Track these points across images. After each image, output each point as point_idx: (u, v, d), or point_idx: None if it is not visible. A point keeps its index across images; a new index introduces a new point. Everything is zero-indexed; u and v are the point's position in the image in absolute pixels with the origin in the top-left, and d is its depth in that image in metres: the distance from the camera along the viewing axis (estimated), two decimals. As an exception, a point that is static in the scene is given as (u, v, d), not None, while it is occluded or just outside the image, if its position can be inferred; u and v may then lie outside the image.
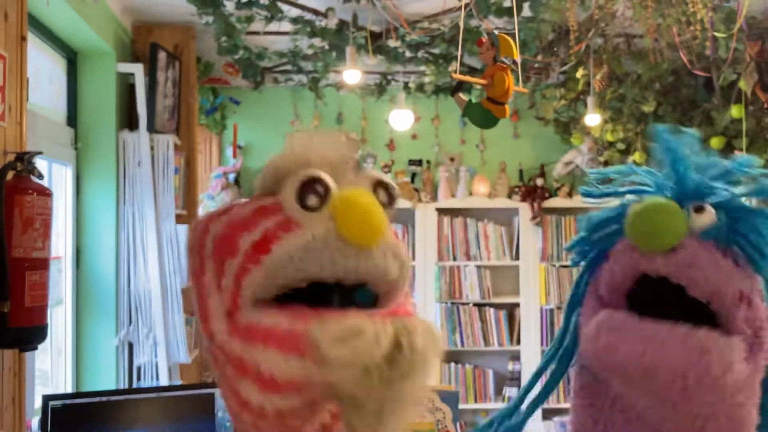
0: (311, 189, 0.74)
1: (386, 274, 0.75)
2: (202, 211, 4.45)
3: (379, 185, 0.77)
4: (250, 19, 3.40)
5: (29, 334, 1.76)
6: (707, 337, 0.84)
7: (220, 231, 0.77)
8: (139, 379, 3.26)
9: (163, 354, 3.21)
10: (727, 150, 4.03)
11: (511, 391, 4.71)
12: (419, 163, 4.93)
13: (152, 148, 3.33)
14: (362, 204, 0.73)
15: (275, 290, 0.73)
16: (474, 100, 1.73)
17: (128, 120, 3.43)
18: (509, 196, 4.81)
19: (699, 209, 0.91)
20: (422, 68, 4.17)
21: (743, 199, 0.95)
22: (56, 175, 3.08)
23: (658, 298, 0.91)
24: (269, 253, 0.72)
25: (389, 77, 4.56)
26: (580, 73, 3.98)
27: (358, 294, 0.76)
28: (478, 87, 2.22)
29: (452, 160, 4.99)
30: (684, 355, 0.83)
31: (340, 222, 0.72)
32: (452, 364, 4.74)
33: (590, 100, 3.94)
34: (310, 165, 0.77)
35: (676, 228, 0.88)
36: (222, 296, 0.75)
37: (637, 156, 4.26)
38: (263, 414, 0.71)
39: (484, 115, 1.74)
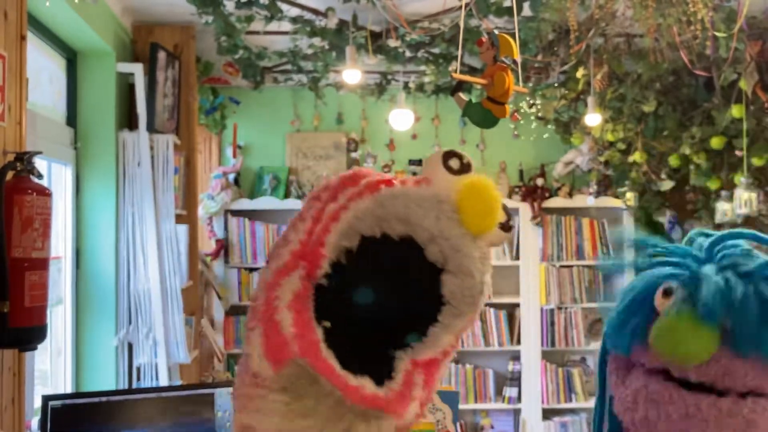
0: (456, 156, 0.80)
1: (468, 264, 0.77)
2: (201, 211, 4.45)
3: (505, 211, 0.83)
4: (249, 19, 3.40)
5: (29, 334, 1.76)
6: (753, 410, 0.81)
7: (350, 173, 0.81)
8: (138, 379, 3.26)
9: (163, 354, 3.21)
10: (728, 150, 4.03)
11: (511, 391, 4.71)
12: (419, 163, 4.92)
13: (152, 148, 3.33)
14: (491, 194, 0.78)
15: (369, 229, 0.75)
16: (474, 100, 1.72)
17: (128, 120, 3.42)
18: (509, 196, 4.81)
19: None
20: (422, 68, 4.17)
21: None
22: (56, 175, 3.08)
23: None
24: (391, 186, 0.77)
25: (389, 77, 4.56)
26: (580, 73, 3.98)
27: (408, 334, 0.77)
28: (478, 87, 2.21)
29: (452, 159, 4.99)
30: (730, 431, 0.80)
31: (464, 195, 0.76)
32: (452, 364, 4.74)
33: (590, 99, 3.94)
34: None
35: (708, 347, 0.83)
36: (313, 227, 0.77)
37: (637, 156, 4.25)
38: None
39: (484, 115, 1.74)
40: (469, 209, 0.75)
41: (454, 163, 0.78)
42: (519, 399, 4.70)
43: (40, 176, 1.82)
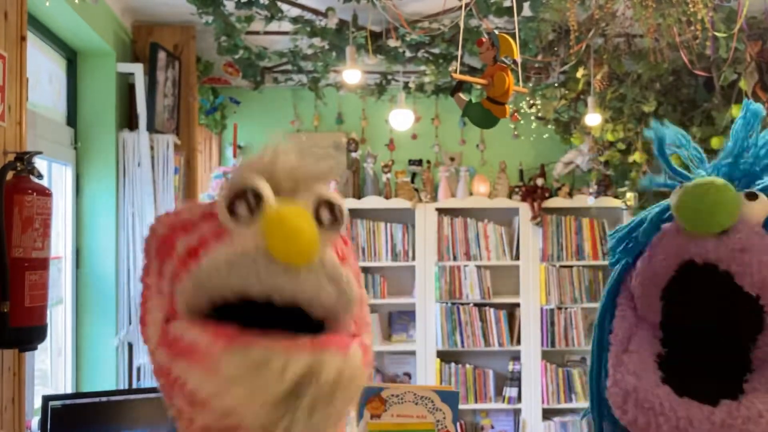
0: (243, 198, 0.70)
1: (317, 298, 0.71)
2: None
3: (323, 204, 0.74)
4: (250, 19, 3.40)
5: (29, 334, 1.76)
6: (747, 419, 0.78)
7: (163, 231, 0.75)
8: (138, 379, 3.26)
9: (163, 354, 3.21)
10: (728, 150, 4.03)
11: (511, 391, 4.71)
12: (419, 163, 4.93)
13: (152, 148, 3.33)
14: (292, 221, 0.69)
15: (206, 302, 0.71)
16: (474, 100, 1.72)
17: (128, 120, 3.42)
18: (509, 196, 4.80)
19: (751, 196, 0.85)
20: (422, 68, 4.17)
21: None
22: (56, 175, 3.08)
23: (699, 293, 0.85)
24: (198, 261, 0.70)
25: (389, 77, 4.56)
26: (580, 73, 3.98)
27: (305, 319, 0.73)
28: (478, 87, 2.21)
29: (452, 159, 4.99)
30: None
31: (269, 238, 0.69)
32: (452, 364, 4.74)
33: (590, 99, 3.94)
34: (274, 174, 0.74)
35: (730, 208, 0.82)
36: (162, 301, 0.74)
37: (637, 156, 4.25)
38: (191, 427, 0.72)
39: (484, 115, 1.74)
40: (280, 251, 0.68)
41: (241, 211, 0.70)
42: (519, 399, 4.70)
43: (40, 176, 1.82)
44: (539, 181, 4.83)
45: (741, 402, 0.79)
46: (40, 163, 1.88)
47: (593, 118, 3.98)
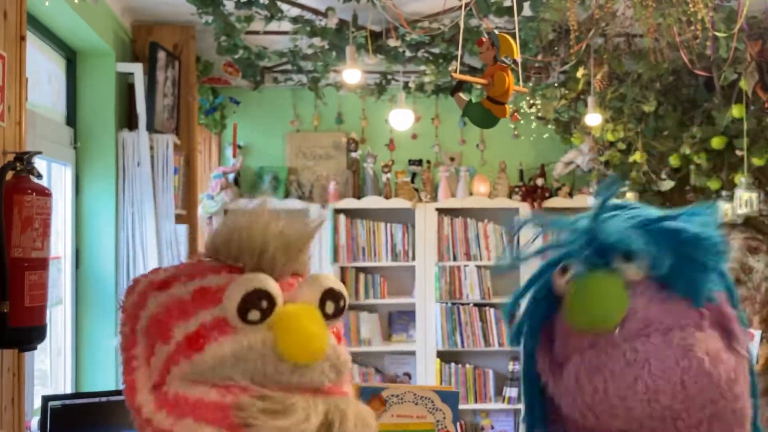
0: (255, 303, 0.71)
1: (321, 386, 0.74)
2: (201, 211, 4.44)
3: (327, 295, 0.76)
4: (249, 19, 3.40)
5: (28, 334, 1.75)
6: (684, 337, 0.80)
7: (156, 312, 0.75)
8: (138, 379, 3.25)
9: (163, 354, 3.21)
10: (729, 150, 4.03)
11: (511, 392, 4.71)
12: (419, 163, 4.93)
13: (152, 148, 3.33)
14: (303, 326, 0.72)
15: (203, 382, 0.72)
16: (474, 100, 1.72)
17: (128, 120, 3.42)
18: (509, 196, 4.80)
19: (627, 258, 0.84)
20: (422, 68, 4.17)
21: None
22: (55, 175, 3.07)
23: None
24: (201, 352, 0.71)
25: (389, 77, 4.55)
26: (580, 73, 3.97)
27: None
28: (478, 87, 2.21)
29: (452, 159, 4.98)
30: (673, 361, 0.79)
31: (279, 340, 0.70)
32: (452, 364, 4.74)
33: (591, 99, 3.94)
34: (266, 250, 0.75)
35: (620, 300, 0.82)
36: (150, 372, 0.74)
37: (637, 156, 4.25)
38: None
39: (484, 115, 1.74)
40: (291, 352, 0.71)
41: (254, 316, 0.72)
42: (519, 399, 4.70)
43: (39, 176, 1.82)
44: (539, 181, 4.82)
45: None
46: (39, 163, 1.88)
47: (593, 118, 3.97)
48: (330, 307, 0.75)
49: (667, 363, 0.79)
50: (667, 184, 4.28)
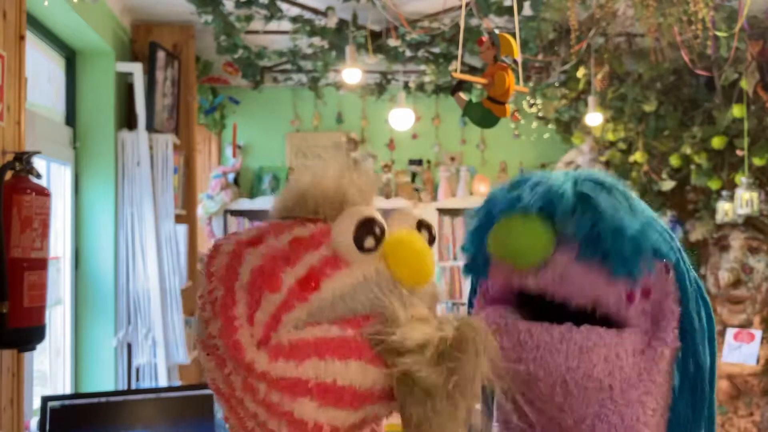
0: (369, 230, 0.73)
1: (429, 310, 0.76)
2: (201, 211, 4.44)
3: (422, 225, 0.78)
4: (249, 18, 3.39)
5: (28, 334, 1.75)
6: (587, 336, 0.79)
7: (258, 263, 0.74)
8: (138, 379, 3.25)
9: (162, 355, 3.20)
10: (729, 149, 4.03)
11: (511, 392, 4.71)
12: (419, 162, 4.92)
13: (151, 148, 3.32)
14: (416, 248, 0.74)
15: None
16: (474, 100, 1.72)
17: (127, 119, 3.42)
18: (509, 196, 4.79)
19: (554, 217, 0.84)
20: (422, 67, 4.16)
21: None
22: (55, 175, 3.07)
23: (543, 308, 0.86)
24: (318, 291, 0.71)
25: (389, 76, 4.55)
26: (581, 73, 3.97)
27: None
28: (479, 86, 2.20)
29: (452, 159, 4.98)
30: (562, 357, 0.79)
31: (393, 264, 0.72)
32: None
33: (591, 99, 3.93)
34: (346, 197, 0.77)
35: (538, 244, 0.82)
36: (253, 329, 0.72)
37: (638, 156, 4.25)
38: (319, 429, 0.70)
39: (484, 115, 1.73)
40: (405, 276, 0.73)
41: (370, 243, 0.73)
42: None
43: (39, 176, 1.82)
44: (539, 181, 4.82)
45: (582, 326, 0.80)
46: (38, 163, 1.87)
47: (594, 118, 3.97)
48: (425, 235, 0.78)
49: (555, 358, 0.79)
50: (668, 184, 4.28)
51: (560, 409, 0.81)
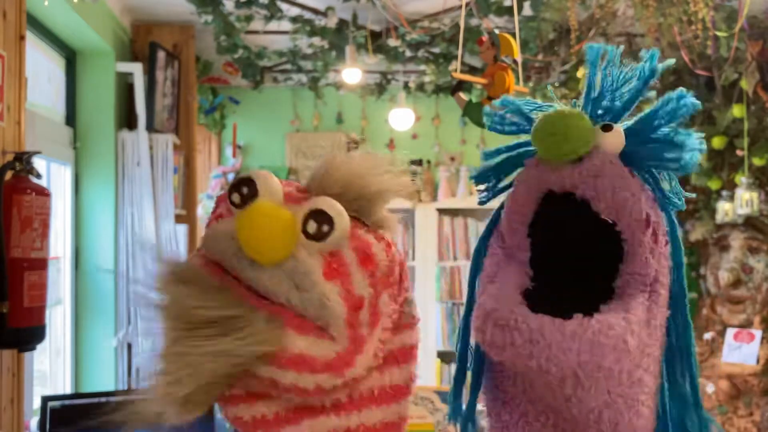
0: (237, 187, 0.76)
1: (278, 299, 0.73)
2: (201, 211, 4.44)
3: (312, 214, 0.75)
4: (249, 19, 3.39)
5: (28, 334, 1.75)
6: (598, 331, 0.78)
7: (223, 193, 0.82)
8: (138, 379, 3.25)
9: (163, 354, 3.20)
10: (729, 149, 4.03)
11: (511, 391, 4.71)
12: (419, 162, 4.92)
13: (151, 148, 3.32)
14: (262, 221, 0.72)
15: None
16: (474, 100, 1.72)
17: (127, 119, 3.42)
18: (509, 196, 4.79)
19: (606, 128, 0.86)
20: (422, 67, 4.16)
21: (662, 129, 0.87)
22: (55, 175, 3.07)
23: (560, 223, 0.87)
24: (208, 228, 0.80)
25: (389, 76, 4.55)
26: (581, 73, 3.97)
27: None
28: (479, 86, 2.21)
29: (452, 159, 4.98)
30: (574, 354, 0.78)
31: (239, 229, 0.73)
32: (453, 365, 4.73)
33: (591, 99, 3.93)
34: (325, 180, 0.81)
35: (583, 135, 0.83)
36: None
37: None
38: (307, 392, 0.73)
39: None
40: (246, 245, 0.72)
41: (235, 198, 0.76)
42: (519, 399, 4.69)
43: (39, 176, 1.82)
44: (539, 181, 4.82)
45: (594, 316, 0.79)
46: (39, 163, 1.87)
47: (594, 118, 3.97)
48: (311, 225, 0.74)
49: (567, 355, 0.78)
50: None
51: (567, 400, 0.82)
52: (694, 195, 0.92)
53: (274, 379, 0.71)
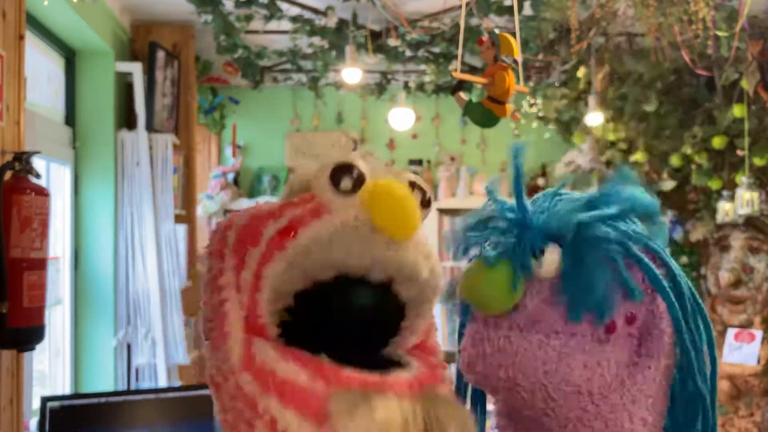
0: (346, 172, 0.70)
1: (416, 273, 0.71)
2: (200, 211, 4.43)
3: (413, 186, 0.74)
4: (249, 18, 3.39)
5: (27, 334, 1.75)
6: (565, 343, 0.79)
7: (243, 221, 0.73)
8: (137, 380, 3.25)
9: (162, 355, 3.20)
10: (730, 149, 4.02)
11: (511, 392, 4.70)
12: (419, 162, 4.92)
13: (151, 148, 3.32)
14: (398, 194, 0.69)
15: (299, 283, 0.69)
16: (474, 100, 1.71)
17: (127, 119, 3.41)
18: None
19: (535, 256, 0.82)
20: (422, 67, 4.16)
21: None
22: (54, 175, 3.06)
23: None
24: (295, 238, 0.68)
25: (389, 76, 4.55)
26: (581, 73, 3.97)
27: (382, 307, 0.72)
28: (479, 86, 2.20)
29: (453, 159, 4.98)
30: (539, 362, 0.79)
31: (373, 209, 0.68)
32: (453, 366, 4.72)
33: (591, 99, 3.93)
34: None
35: (506, 293, 0.81)
36: (241, 297, 0.70)
37: (639, 156, 4.24)
38: None
39: (484, 115, 1.73)
40: (385, 223, 0.68)
41: (346, 183, 0.70)
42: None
43: (38, 176, 1.81)
44: (540, 181, 4.81)
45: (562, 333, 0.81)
46: (38, 163, 1.87)
47: (594, 118, 3.96)
48: (417, 195, 0.73)
49: (532, 363, 0.79)
50: (669, 184, 4.27)
51: (544, 413, 0.82)
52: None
53: None
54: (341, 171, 0.70)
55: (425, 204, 0.75)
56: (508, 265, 0.82)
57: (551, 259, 0.81)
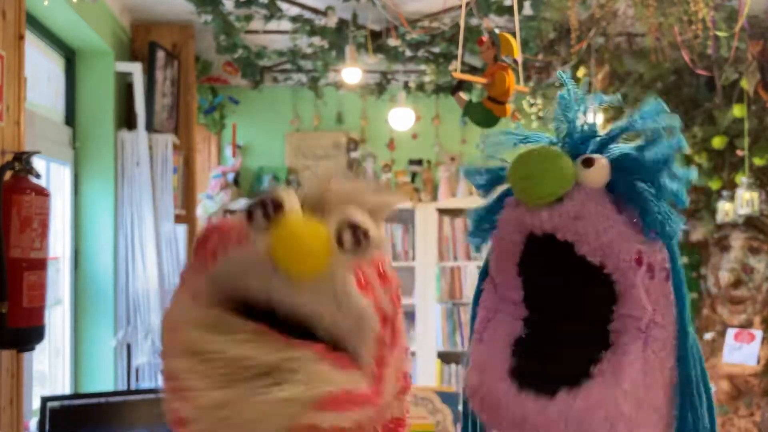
0: (260, 205, 0.69)
1: (318, 317, 0.70)
2: (200, 211, 4.44)
3: (346, 226, 0.70)
4: (249, 18, 3.39)
5: (27, 334, 1.74)
6: (585, 407, 0.76)
7: (202, 234, 0.76)
8: (137, 380, 3.24)
9: (162, 354, 3.20)
10: (730, 149, 4.02)
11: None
12: (419, 162, 4.92)
13: (151, 148, 3.32)
14: (298, 234, 0.68)
15: (227, 303, 0.71)
16: (474, 100, 1.71)
17: (127, 119, 3.41)
18: (510, 196, 4.79)
19: (587, 163, 0.80)
20: (422, 67, 4.16)
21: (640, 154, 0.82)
22: (54, 175, 3.06)
23: (548, 266, 0.82)
24: (215, 263, 0.72)
25: (389, 76, 4.55)
26: (581, 73, 3.97)
27: None
28: (479, 86, 2.20)
29: (453, 159, 4.98)
30: (561, 429, 0.77)
31: (274, 248, 0.68)
32: (453, 365, 4.73)
33: (591, 99, 3.93)
34: (321, 196, 0.74)
35: (559, 174, 0.78)
36: (189, 287, 0.76)
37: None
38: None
39: (484, 115, 1.73)
40: (282, 262, 0.68)
41: (258, 220, 0.69)
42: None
43: (38, 176, 1.81)
44: (539, 181, 4.82)
45: (580, 390, 0.77)
46: (38, 163, 1.87)
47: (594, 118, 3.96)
48: (346, 236, 0.70)
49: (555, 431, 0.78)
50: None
51: None
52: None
53: (314, 424, 0.67)
54: (257, 204, 0.70)
55: (355, 249, 0.70)
56: (563, 152, 0.80)
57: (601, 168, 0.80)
